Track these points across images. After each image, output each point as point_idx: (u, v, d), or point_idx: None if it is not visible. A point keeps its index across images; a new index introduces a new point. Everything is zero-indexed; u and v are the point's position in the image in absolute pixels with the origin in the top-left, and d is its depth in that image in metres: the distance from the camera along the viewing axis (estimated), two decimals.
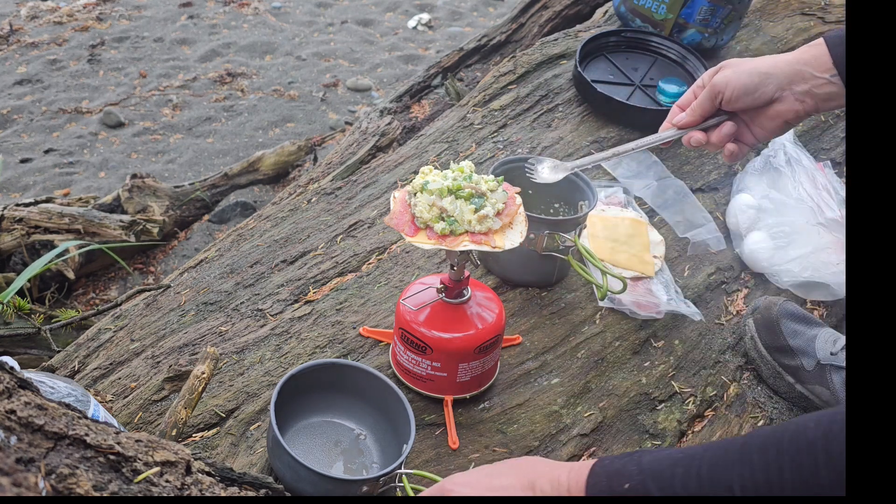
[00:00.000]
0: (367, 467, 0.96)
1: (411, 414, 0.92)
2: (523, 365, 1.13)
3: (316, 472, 0.84)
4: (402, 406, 0.93)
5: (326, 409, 1.00)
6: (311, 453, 0.96)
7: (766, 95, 0.91)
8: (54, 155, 3.25)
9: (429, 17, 4.62)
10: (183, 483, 0.65)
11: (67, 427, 0.60)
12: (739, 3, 1.71)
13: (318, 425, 0.99)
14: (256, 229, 1.50)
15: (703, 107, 0.96)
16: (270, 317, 1.21)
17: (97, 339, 1.31)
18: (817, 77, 0.88)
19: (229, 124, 3.50)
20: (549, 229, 1.15)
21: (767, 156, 1.49)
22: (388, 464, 0.91)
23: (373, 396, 0.98)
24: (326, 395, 0.98)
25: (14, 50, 4.01)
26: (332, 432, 0.99)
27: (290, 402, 0.94)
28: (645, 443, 1.06)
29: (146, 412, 1.07)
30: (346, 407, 1.00)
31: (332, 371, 0.98)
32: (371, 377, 0.97)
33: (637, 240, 1.32)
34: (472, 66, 2.51)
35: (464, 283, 1.00)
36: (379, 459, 0.96)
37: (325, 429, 0.99)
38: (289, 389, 0.92)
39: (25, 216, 2.33)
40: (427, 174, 0.94)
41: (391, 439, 0.96)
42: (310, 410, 0.99)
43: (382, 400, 0.97)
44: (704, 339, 1.23)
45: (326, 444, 0.97)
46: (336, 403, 0.99)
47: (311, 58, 4.10)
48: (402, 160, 1.59)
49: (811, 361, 1.12)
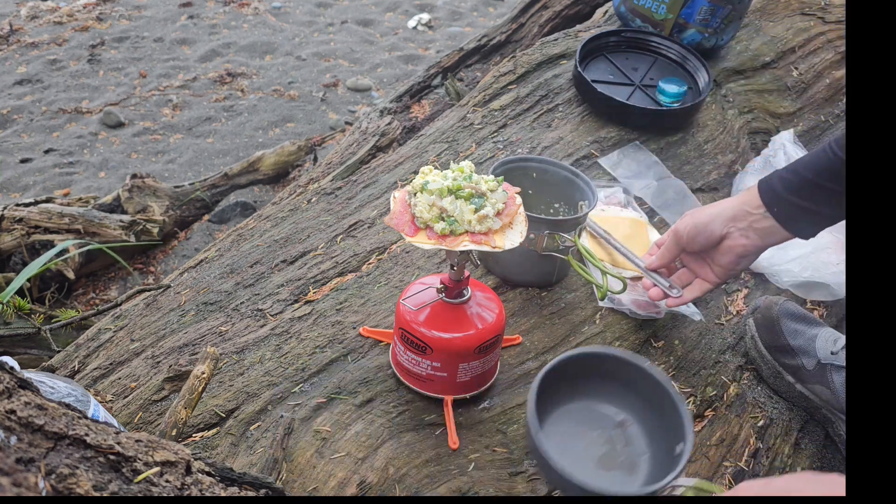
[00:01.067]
0: (635, 460, 0.88)
1: (683, 409, 0.84)
2: (523, 365, 1.13)
3: (585, 487, 0.77)
4: (667, 395, 0.86)
5: (585, 394, 0.93)
6: (573, 443, 0.89)
7: (715, 233, 1.05)
8: (54, 155, 3.25)
9: (429, 17, 4.62)
10: (183, 483, 0.65)
11: (67, 427, 0.60)
12: (739, 3, 1.71)
13: (578, 410, 0.92)
14: (256, 229, 1.50)
15: (670, 250, 1.11)
16: (270, 317, 1.21)
17: (97, 339, 1.31)
18: (753, 213, 1.02)
19: (229, 124, 3.50)
20: (549, 229, 1.15)
21: (767, 156, 1.49)
22: (659, 457, 0.85)
23: (633, 383, 0.91)
24: (585, 382, 0.92)
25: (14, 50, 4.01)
26: (593, 418, 0.92)
27: (547, 391, 0.87)
28: None
29: (146, 412, 1.07)
30: (605, 392, 0.93)
31: (593, 360, 0.92)
32: (632, 366, 0.90)
33: (637, 240, 1.32)
34: (472, 66, 2.51)
35: (464, 283, 1.00)
36: (649, 449, 0.89)
37: (586, 414, 0.92)
38: (548, 381, 0.86)
39: (25, 216, 2.33)
40: (427, 174, 0.94)
41: (657, 425, 0.89)
42: (568, 396, 0.92)
43: (644, 387, 0.90)
44: (704, 339, 1.23)
45: (588, 431, 0.91)
46: (594, 389, 0.93)
47: (311, 58, 4.10)
48: (402, 160, 1.59)
49: (812, 361, 1.12)
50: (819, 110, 1.81)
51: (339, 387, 1.06)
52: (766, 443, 1.11)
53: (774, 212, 1.01)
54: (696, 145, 1.60)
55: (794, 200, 0.99)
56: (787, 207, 1.00)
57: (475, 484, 0.95)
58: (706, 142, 1.62)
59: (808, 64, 1.88)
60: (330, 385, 1.07)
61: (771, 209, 1.01)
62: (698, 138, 1.62)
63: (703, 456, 1.07)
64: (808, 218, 1.00)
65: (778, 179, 1.01)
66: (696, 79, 1.70)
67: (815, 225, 1.01)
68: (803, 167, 0.98)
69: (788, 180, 0.99)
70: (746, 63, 1.82)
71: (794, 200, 0.99)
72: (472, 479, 0.96)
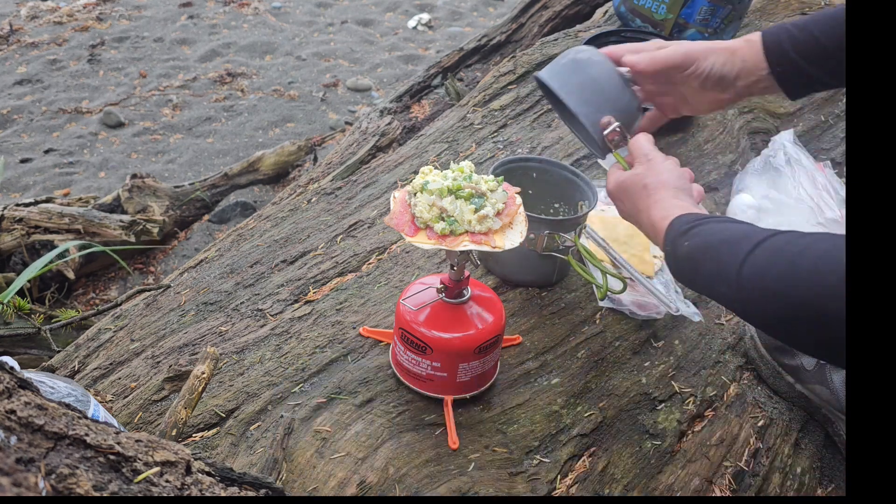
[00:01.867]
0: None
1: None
2: (523, 365, 1.13)
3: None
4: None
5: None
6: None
7: (724, 86, 0.97)
8: (54, 155, 3.25)
9: (429, 17, 4.63)
10: (183, 483, 0.65)
11: (67, 427, 0.60)
12: (739, 3, 1.71)
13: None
14: (256, 229, 1.50)
15: (662, 62, 0.99)
16: (270, 317, 1.21)
17: (97, 339, 1.31)
18: (753, 74, 0.95)
19: (229, 124, 3.50)
20: (549, 229, 1.15)
21: (767, 156, 1.49)
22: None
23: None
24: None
25: (14, 50, 4.02)
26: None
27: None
28: (645, 443, 1.06)
29: (146, 412, 1.07)
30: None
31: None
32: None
33: (637, 240, 1.32)
34: (472, 66, 2.51)
35: (464, 283, 1.00)
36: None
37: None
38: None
39: (25, 216, 2.33)
40: (427, 174, 0.94)
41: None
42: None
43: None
44: (704, 339, 1.23)
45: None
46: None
47: (311, 58, 4.10)
48: (402, 160, 1.59)
49: (811, 361, 1.12)
50: (819, 110, 1.81)
51: (339, 387, 1.06)
52: (766, 443, 1.11)
53: (778, 71, 0.92)
54: (696, 145, 1.60)
55: (801, 63, 0.90)
56: (791, 68, 0.92)
57: (475, 484, 0.95)
58: (706, 142, 1.62)
59: None
60: (330, 385, 1.07)
61: (774, 68, 0.92)
62: (698, 138, 1.62)
63: (703, 456, 1.07)
64: (806, 81, 0.93)
65: (787, 37, 0.91)
66: None
67: (806, 87, 0.95)
68: (816, 27, 0.90)
69: (797, 40, 0.90)
70: None
71: (801, 63, 0.90)
72: (472, 479, 0.96)
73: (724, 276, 0.74)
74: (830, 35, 0.88)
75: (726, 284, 0.74)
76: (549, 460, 1.01)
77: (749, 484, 1.06)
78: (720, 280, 0.74)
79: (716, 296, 0.78)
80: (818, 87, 0.95)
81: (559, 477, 0.99)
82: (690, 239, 0.78)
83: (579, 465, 1.02)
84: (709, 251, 0.75)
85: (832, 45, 0.88)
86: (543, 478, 0.98)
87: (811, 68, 0.90)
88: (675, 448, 1.07)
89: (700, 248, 0.76)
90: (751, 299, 0.72)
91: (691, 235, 0.78)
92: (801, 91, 0.95)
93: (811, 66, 0.90)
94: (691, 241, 0.78)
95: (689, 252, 0.78)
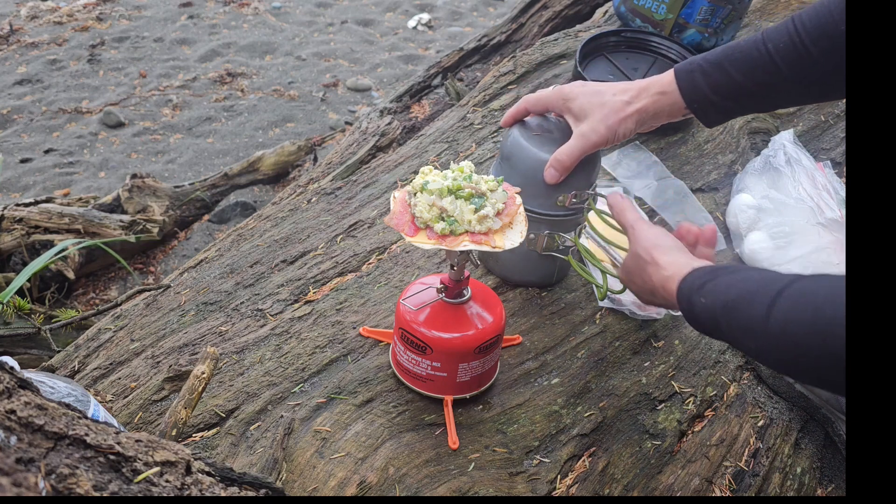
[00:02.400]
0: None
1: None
2: (523, 365, 1.13)
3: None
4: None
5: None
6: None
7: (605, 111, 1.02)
8: (54, 155, 3.25)
9: (429, 17, 4.63)
10: (183, 483, 0.65)
11: (67, 427, 0.60)
12: (739, 3, 1.71)
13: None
14: (256, 229, 1.50)
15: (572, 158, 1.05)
16: (270, 317, 1.21)
17: (97, 339, 1.31)
18: (664, 110, 0.99)
19: (229, 124, 3.50)
20: (550, 229, 1.15)
21: (767, 156, 1.49)
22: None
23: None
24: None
25: (14, 50, 4.02)
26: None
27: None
28: (645, 443, 1.06)
29: (146, 412, 1.07)
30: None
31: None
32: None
33: None
34: (472, 66, 2.52)
35: (464, 283, 1.00)
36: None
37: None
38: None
39: (25, 216, 2.33)
40: (427, 174, 0.94)
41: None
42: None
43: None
44: (704, 339, 1.23)
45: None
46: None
47: (311, 58, 4.10)
48: (402, 160, 1.59)
49: None
50: (819, 110, 1.81)
51: (339, 387, 1.06)
52: (766, 443, 1.11)
53: (695, 108, 0.96)
54: (696, 145, 1.60)
55: (720, 102, 0.94)
56: (709, 106, 0.95)
57: (475, 484, 0.95)
58: (706, 142, 1.62)
59: None
60: (330, 385, 1.07)
61: (692, 105, 0.96)
62: (698, 138, 1.62)
63: (703, 456, 1.07)
64: (725, 114, 0.96)
65: (702, 76, 0.94)
66: None
67: (723, 117, 0.97)
68: (732, 65, 0.92)
69: (717, 81, 0.93)
70: None
71: (720, 102, 0.94)
72: (472, 479, 0.96)
73: (750, 332, 0.72)
74: (745, 73, 0.91)
75: (753, 339, 0.72)
76: (549, 460, 1.01)
77: (749, 484, 1.06)
78: (747, 336, 0.73)
79: (743, 349, 0.77)
80: (735, 116, 0.98)
81: (559, 477, 0.99)
82: (706, 296, 0.77)
83: (579, 465, 1.02)
84: (728, 309, 0.74)
85: (748, 82, 0.91)
86: (543, 478, 0.99)
87: (727, 103, 0.94)
88: (675, 448, 1.07)
89: (719, 306, 0.75)
90: (781, 351, 0.70)
91: (706, 293, 0.77)
92: (718, 120, 0.98)
93: (726, 101, 0.94)
94: (708, 299, 0.76)
95: (708, 309, 0.76)
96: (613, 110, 0.98)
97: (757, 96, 0.92)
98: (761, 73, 0.90)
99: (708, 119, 0.98)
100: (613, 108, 0.98)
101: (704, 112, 0.96)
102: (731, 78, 0.91)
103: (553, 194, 1.09)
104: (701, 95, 0.94)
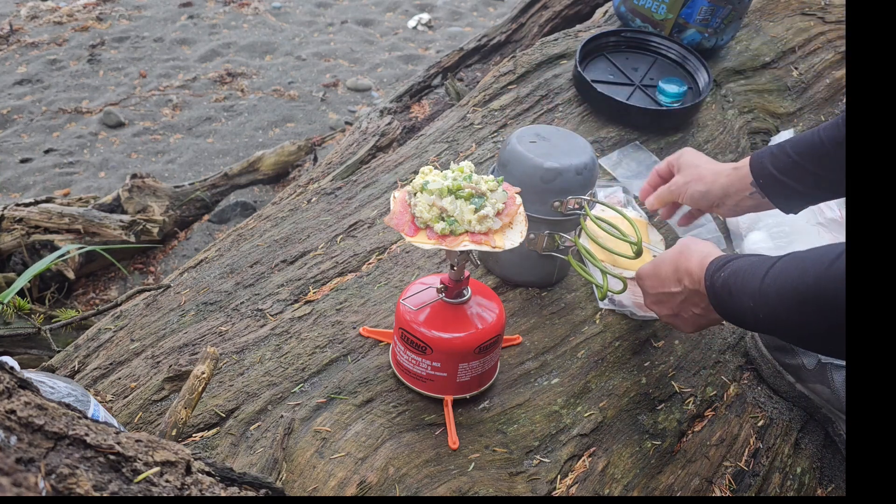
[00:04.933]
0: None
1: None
2: (523, 365, 1.13)
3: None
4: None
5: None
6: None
7: (709, 205, 1.20)
8: (54, 155, 3.25)
9: (429, 17, 4.63)
10: (183, 483, 0.65)
11: (67, 427, 0.60)
12: (739, 3, 1.71)
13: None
14: (256, 229, 1.50)
15: (665, 198, 1.25)
16: (270, 317, 1.21)
17: (97, 339, 1.31)
18: (742, 191, 1.15)
19: (229, 124, 3.50)
20: (549, 229, 1.15)
21: None
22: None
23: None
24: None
25: (14, 50, 4.02)
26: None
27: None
28: (645, 443, 1.06)
29: (146, 412, 1.07)
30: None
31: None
32: None
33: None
34: (472, 66, 2.52)
35: (464, 283, 1.00)
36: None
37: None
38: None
39: (25, 216, 2.33)
40: (427, 174, 0.94)
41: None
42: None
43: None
44: (704, 339, 1.23)
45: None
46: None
47: (311, 58, 4.10)
48: (402, 160, 1.59)
49: (812, 360, 1.12)
50: (819, 110, 1.81)
51: (339, 387, 1.06)
52: (766, 443, 1.11)
53: (760, 183, 1.12)
54: (696, 145, 1.60)
55: (777, 175, 1.10)
56: (770, 180, 1.11)
57: (475, 484, 0.95)
58: (706, 142, 1.62)
59: (807, 64, 1.88)
60: (330, 385, 1.07)
61: (757, 180, 1.13)
62: (698, 138, 1.62)
63: (703, 456, 1.07)
64: (787, 192, 1.11)
65: (768, 155, 1.12)
66: (696, 79, 1.70)
67: (790, 199, 1.12)
68: (791, 146, 1.10)
69: (776, 157, 1.11)
70: (746, 63, 1.82)
71: (777, 175, 1.10)
72: (472, 479, 0.96)
73: (749, 290, 0.85)
74: (800, 151, 1.08)
75: (751, 298, 0.85)
76: (549, 460, 1.01)
77: (749, 484, 1.06)
78: (747, 295, 0.86)
79: (744, 312, 0.88)
80: (799, 198, 1.12)
81: (559, 477, 0.99)
82: (724, 271, 0.91)
83: (579, 465, 1.02)
84: (737, 276, 0.89)
85: (803, 160, 1.08)
86: (543, 478, 0.99)
87: (785, 178, 1.10)
88: (675, 448, 1.07)
89: (731, 275, 0.90)
90: (769, 303, 0.82)
91: (725, 269, 0.91)
92: (785, 202, 1.13)
93: (784, 177, 1.10)
94: (725, 273, 0.91)
95: (724, 280, 0.90)
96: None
97: (807, 172, 1.08)
98: (809, 154, 1.07)
99: (776, 198, 1.13)
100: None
101: (770, 188, 1.12)
102: (788, 154, 1.10)
103: (549, 200, 1.12)
104: (764, 170, 1.12)
